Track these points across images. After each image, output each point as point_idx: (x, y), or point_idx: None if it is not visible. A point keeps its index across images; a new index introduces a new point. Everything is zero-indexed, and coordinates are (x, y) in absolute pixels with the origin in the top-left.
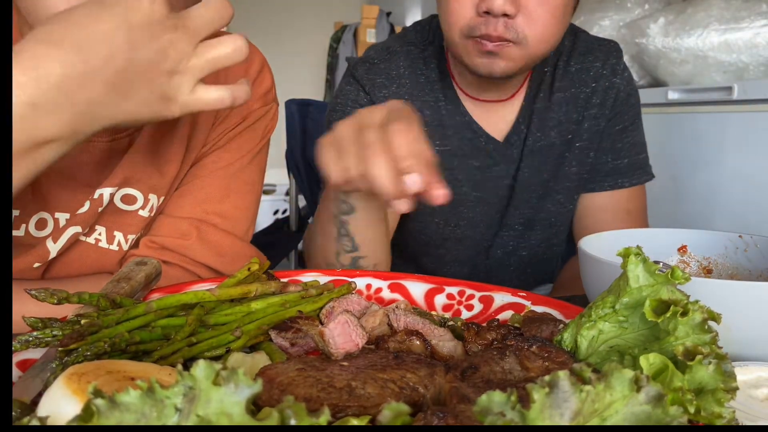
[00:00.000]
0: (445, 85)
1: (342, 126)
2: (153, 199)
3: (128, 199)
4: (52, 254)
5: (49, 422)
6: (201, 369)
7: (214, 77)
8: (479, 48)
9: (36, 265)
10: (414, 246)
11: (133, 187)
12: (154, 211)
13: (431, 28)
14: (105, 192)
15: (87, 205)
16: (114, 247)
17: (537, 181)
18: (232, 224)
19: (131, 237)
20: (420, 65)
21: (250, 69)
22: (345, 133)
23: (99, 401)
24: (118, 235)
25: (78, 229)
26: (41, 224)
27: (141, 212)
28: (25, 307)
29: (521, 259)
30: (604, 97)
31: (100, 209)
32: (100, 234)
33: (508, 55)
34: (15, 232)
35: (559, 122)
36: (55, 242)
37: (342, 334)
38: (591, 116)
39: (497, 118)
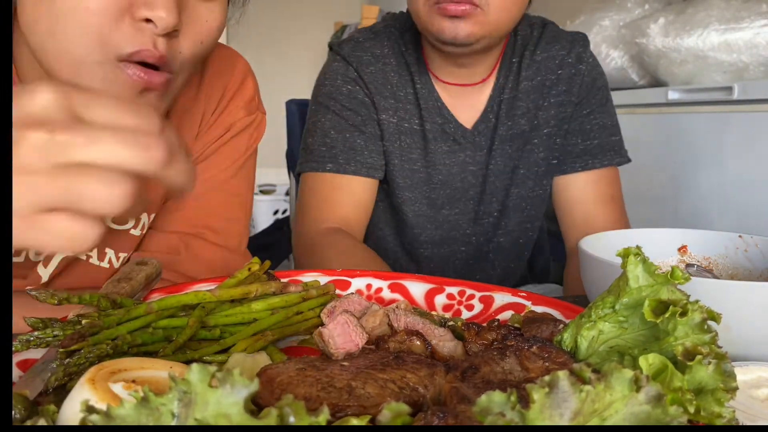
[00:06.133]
0: (421, 70)
1: None
2: (144, 218)
3: (119, 219)
4: (44, 279)
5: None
6: (195, 372)
7: (193, 94)
8: (443, 12)
9: (28, 288)
10: (393, 225)
11: None
12: (146, 229)
13: (407, 19)
14: None
15: None
16: (105, 264)
17: (510, 167)
18: (223, 237)
19: (123, 255)
20: (401, 47)
21: (231, 78)
22: None
23: (94, 417)
24: (110, 252)
25: None
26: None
27: (133, 231)
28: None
29: (499, 246)
30: (569, 84)
31: None
32: (92, 251)
33: (472, 19)
34: (16, 259)
35: (527, 110)
36: (45, 267)
37: (342, 335)
38: (557, 103)
39: (467, 106)
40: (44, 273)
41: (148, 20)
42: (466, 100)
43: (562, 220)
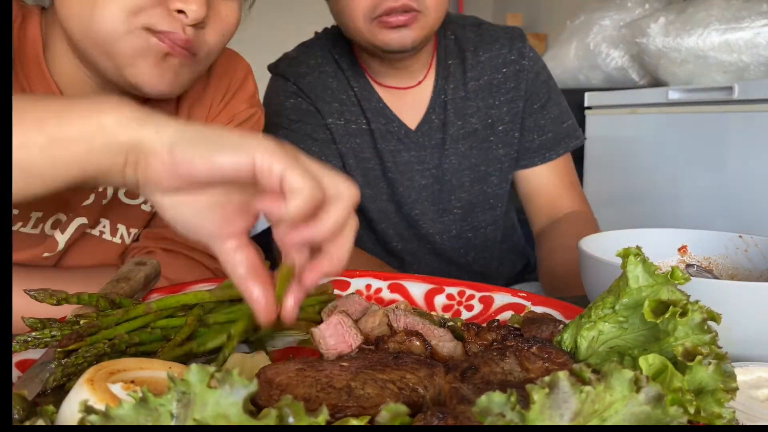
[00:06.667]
0: (357, 74)
1: None
2: None
3: (132, 193)
4: (60, 245)
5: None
6: (194, 373)
7: (201, 88)
8: (387, 25)
9: (46, 254)
10: (364, 227)
11: None
12: None
13: (336, 31)
14: None
15: (92, 198)
16: (117, 239)
17: (467, 165)
18: None
19: (134, 231)
20: (334, 55)
21: (235, 75)
22: None
23: (93, 417)
24: (121, 228)
25: (84, 220)
26: (56, 223)
27: (143, 206)
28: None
29: (469, 242)
30: (516, 81)
31: (104, 201)
32: (104, 226)
33: (414, 24)
34: (32, 231)
35: (477, 109)
36: (62, 233)
37: (334, 335)
38: (508, 100)
39: (410, 107)
40: (61, 239)
41: (179, 11)
42: (408, 102)
43: (527, 206)
